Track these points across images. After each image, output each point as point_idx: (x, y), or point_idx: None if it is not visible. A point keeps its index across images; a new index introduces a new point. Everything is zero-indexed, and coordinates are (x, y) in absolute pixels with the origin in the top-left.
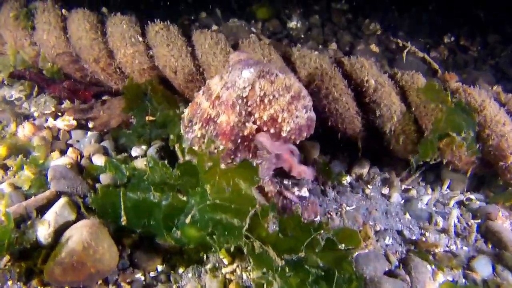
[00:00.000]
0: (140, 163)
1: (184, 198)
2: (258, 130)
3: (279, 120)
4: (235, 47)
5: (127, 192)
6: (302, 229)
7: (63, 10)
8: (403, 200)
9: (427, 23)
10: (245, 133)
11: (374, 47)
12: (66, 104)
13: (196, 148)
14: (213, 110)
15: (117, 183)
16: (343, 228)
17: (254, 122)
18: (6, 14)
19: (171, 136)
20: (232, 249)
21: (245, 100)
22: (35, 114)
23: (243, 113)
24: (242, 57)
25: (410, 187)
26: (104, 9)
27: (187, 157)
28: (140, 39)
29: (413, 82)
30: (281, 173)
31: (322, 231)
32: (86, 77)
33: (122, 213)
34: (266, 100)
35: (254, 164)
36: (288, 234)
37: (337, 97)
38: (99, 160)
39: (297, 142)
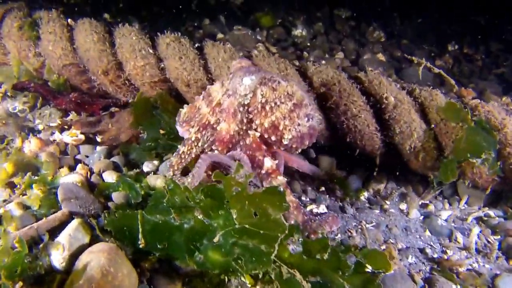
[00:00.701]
0: (153, 180)
1: (206, 221)
2: (261, 137)
3: (281, 127)
4: (248, 57)
5: (145, 214)
6: (329, 251)
7: (69, 20)
8: (422, 216)
9: (429, 31)
10: (247, 142)
11: (380, 56)
12: (72, 116)
13: (185, 149)
14: (212, 117)
15: (131, 202)
16: (371, 250)
17: (255, 129)
18: (10, 24)
19: None
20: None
21: (246, 108)
22: (40, 127)
23: (245, 121)
24: (244, 64)
25: (428, 202)
26: (106, 16)
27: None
28: (151, 51)
29: (432, 99)
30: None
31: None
32: (93, 89)
33: (140, 235)
34: (267, 107)
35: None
36: (313, 256)
37: (356, 114)
38: (110, 177)
39: (299, 151)
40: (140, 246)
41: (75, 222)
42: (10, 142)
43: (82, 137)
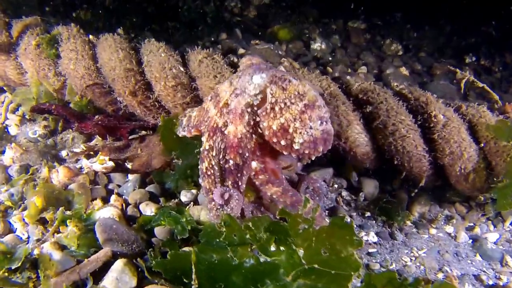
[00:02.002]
0: (196, 212)
1: (268, 260)
2: (266, 142)
3: (290, 130)
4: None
5: (198, 252)
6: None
7: (91, 36)
8: (470, 240)
9: (445, 43)
10: (248, 146)
11: (404, 70)
12: (97, 140)
13: (206, 164)
14: (220, 119)
15: (176, 237)
16: (441, 284)
17: (263, 132)
18: (27, 42)
19: None
20: None
21: (255, 109)
22: (63, 153)
23: (252, 123)
24: (254, 61)
25: (472, 224)
26: (120, 31)
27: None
28: (182, 69)
29: (480, 116)
30: None
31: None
32: (118, 111)
33: (194, 276)
34: (276, 108)
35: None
36: None
37: (404, 134)
38: (148, 209)
39: (313, 158)
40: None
41: (120, 264)
42: (36, 172)
43: (112, 164)
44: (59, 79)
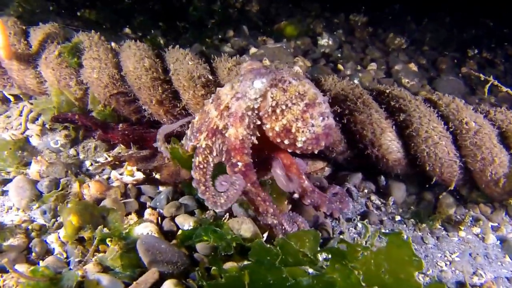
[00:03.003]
0: (236, 225)
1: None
2: (271, 141)
3: (293, 130)
4: (317, 83)
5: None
6: None
7: (113, 44)
8: (498, 241)
9: (447, 36)
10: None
11: (413, 66)
12: (119, 149)
13: (200, 159)
14: (221, 121)
15: (220, 253)
16: None
17: (267, 133)
18: (48, 51)
19: None
20: None
21: (256, 112)
22: (87, 163)
23: (251, 126)
24: (254, 66)
25: (497, 224)
26: (127, 30)
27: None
28: (211, 77)
29: (510, 121)
30: None
31: None
32: (142, 118)
33: None
34: (278, 110)
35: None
36: None
37: (436, 141)
38: (186, 223)
39: (316, 152)
40: None
41: (170, 285)
42: (65, 186)
43: (142, 175)
44: (81, 87)
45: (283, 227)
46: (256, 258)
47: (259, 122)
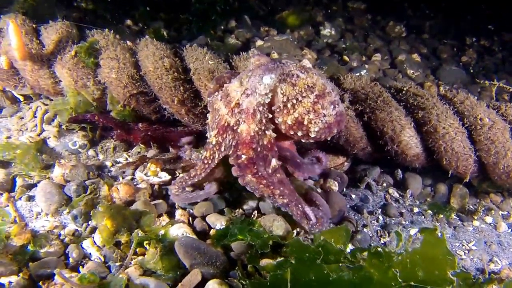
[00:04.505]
0: (268, 222)
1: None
2: (282, 135)
3: (305, 122)
4: (337, 82)
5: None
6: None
7: (128, 42)
8: (510, 229)
9: (445, 23)
10: (265, 142)
11: (416, 57)
12: (139, 148)
13: (207, 154)
14: (232, 118)
15: (256, 251)
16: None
17: (279, 127)
18: (64, 51)
19: None
20: None
21: (266, 107)
22: (108, 163)
23: (264, 121)
24: (262, 61)
25: (507, 212)
26: (129, 22)
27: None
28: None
29: None
30: None
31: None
32: (162, 118)
33: None
34: (289, 105)
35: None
36: None
37: (453, 137)
38: (218, 222)
39: (328, 139)
40: None
41: (214, 285)
42: (94, 190)
43: (169, 176)
44: (99, 88)
45: (300, 207)
46: (295, 256)
47: (270, 116)
